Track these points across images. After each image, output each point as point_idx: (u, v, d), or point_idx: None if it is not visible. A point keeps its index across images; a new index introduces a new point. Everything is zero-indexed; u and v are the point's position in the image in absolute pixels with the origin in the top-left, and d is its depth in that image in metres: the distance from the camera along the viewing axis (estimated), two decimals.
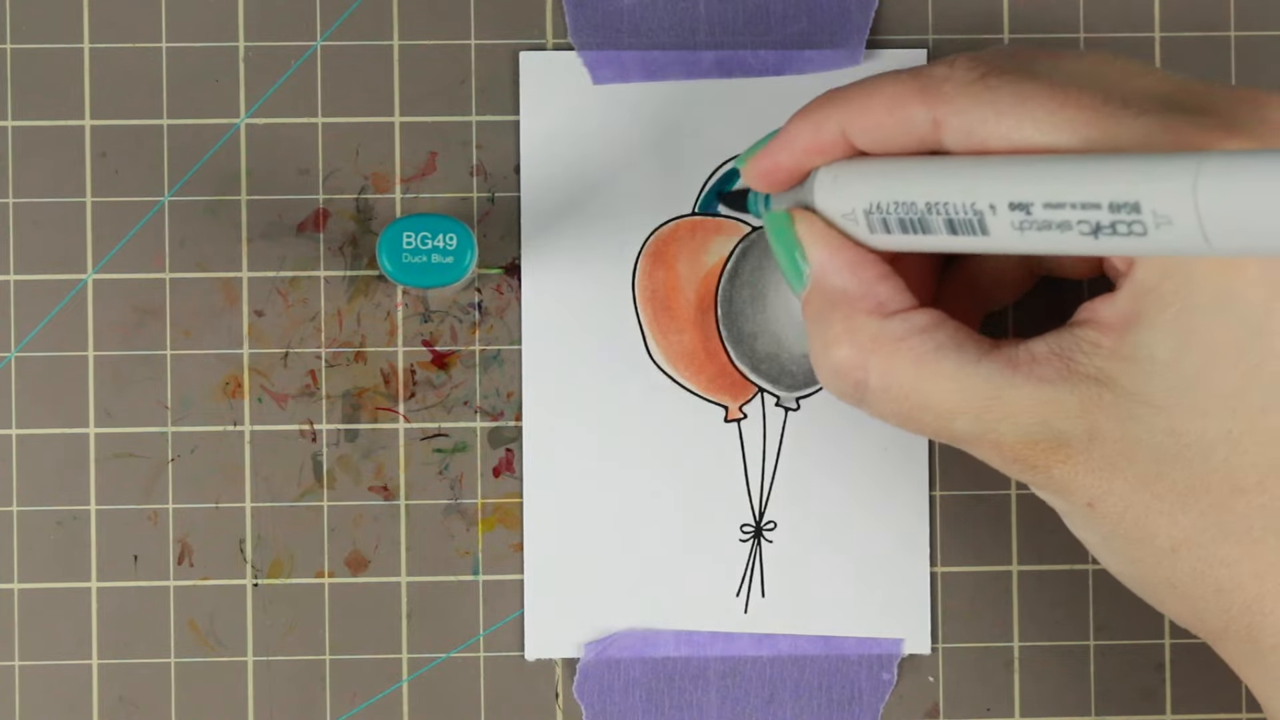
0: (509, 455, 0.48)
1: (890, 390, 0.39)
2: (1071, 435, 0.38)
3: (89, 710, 0.48)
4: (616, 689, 0.48)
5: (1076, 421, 0.38)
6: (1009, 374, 0.38)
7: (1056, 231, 0.35)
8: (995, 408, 0.38)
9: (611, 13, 0.48)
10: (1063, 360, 0.38)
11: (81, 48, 0.48)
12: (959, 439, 0.39)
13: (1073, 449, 0.38)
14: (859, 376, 0.40)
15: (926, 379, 0.39)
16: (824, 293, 0.40)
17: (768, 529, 0.48)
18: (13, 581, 0.48)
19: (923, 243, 0.39)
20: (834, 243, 0.40)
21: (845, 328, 0.40)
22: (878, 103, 0.39)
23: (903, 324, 0.39)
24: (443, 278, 0.43)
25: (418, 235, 0.43)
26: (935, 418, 0.39)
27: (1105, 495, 0.38)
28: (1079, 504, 0.39)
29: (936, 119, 0.38)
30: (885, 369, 0.39)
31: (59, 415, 0.48)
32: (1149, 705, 0.48)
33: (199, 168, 0.48)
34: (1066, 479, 0.39)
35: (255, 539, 0.48)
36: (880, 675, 0.48)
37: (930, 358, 0.39)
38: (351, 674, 0.48)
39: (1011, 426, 0.38)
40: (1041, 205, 0.35)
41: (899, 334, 0.39)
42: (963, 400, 0.38)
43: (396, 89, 0.48)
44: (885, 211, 0.39)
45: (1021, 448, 0.39)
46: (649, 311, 0.48)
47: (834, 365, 0.40)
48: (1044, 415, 0.38)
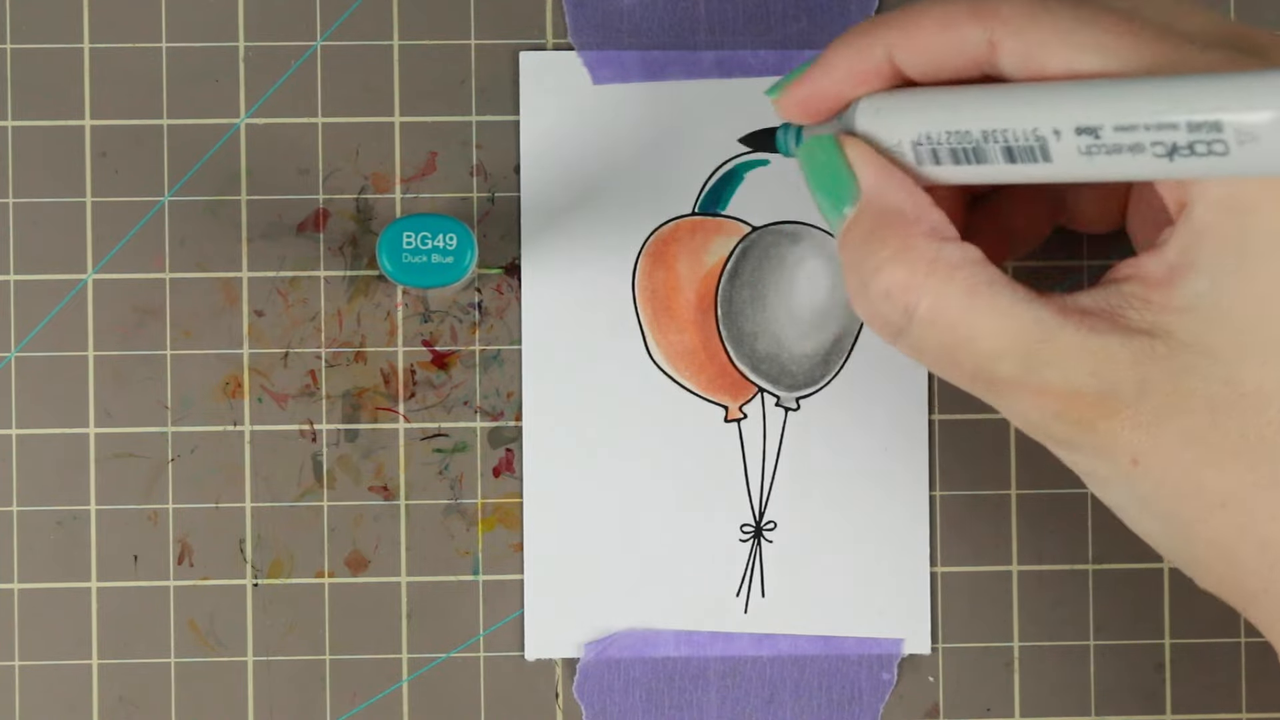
0: (509, 455, 0.48)
1: (939, 320, 0.37)
2: (1120, 386, 0.37)
3: (89, 710, 0.48)
4: (616, 689, 0.48)
5: (1128, 373, 0.37)
6: (1060, 319, 0.37)
7: (1128, 155, 0.34)
8: (1044, 351, 0.37)
9: (611, 13, 0.48)
10: (1111, 316, 0.37)
11: (81, 48, 0.48)
12: (998, 383, 0.38)
13: (1120, 401, 0.37)
14: (910, 301, 0.38)
15: (979, 311, 0.37)
16: (876, 213, 0.38)
17: (768, 529, 0.48)
18: (13, 581, 0.48)
19: (975, 173, 0.37)
20: (885, 162, 0.39)
21: (901, 247, 0.38)
22: (929, 22, 0.38)
23: (959, 251, 0.38)
24: (443, 278, 0.43)
25: (418, 235, 0.43)
26: (978, 357, 0.37)
27: (1152, 450, 0.37)
28: (1122, 462, 0.38)
29: (992, 40, 0.37)
30: (937, 294, 0.37)
31: (59, 415, 0.48)
32: (1149, 705, 0.48)
33: (199, 168, 0.48)
34: (1111, 434, 0.37)
35: (255, 539, 0.48)
36: (880, 675, 0.48)
37: (985, 290, 0.37)
38: (351, 674, 0.48)
39: (1059, 373, 0.37)
40: (1112, 128, 0.34)
41: (956, 260, 0.38)
42: (1011, 339, 0.37)
43: (396, 89, 0.48)
44: (936, 142, 0.38)
45: (1067, 398, 0.37)
46: (649, 311, 0.48)
47: (884, 287, 0.38)
48: (1094, 365, 0.37)
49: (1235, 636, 0.48)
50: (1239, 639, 0.48)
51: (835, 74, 0.39)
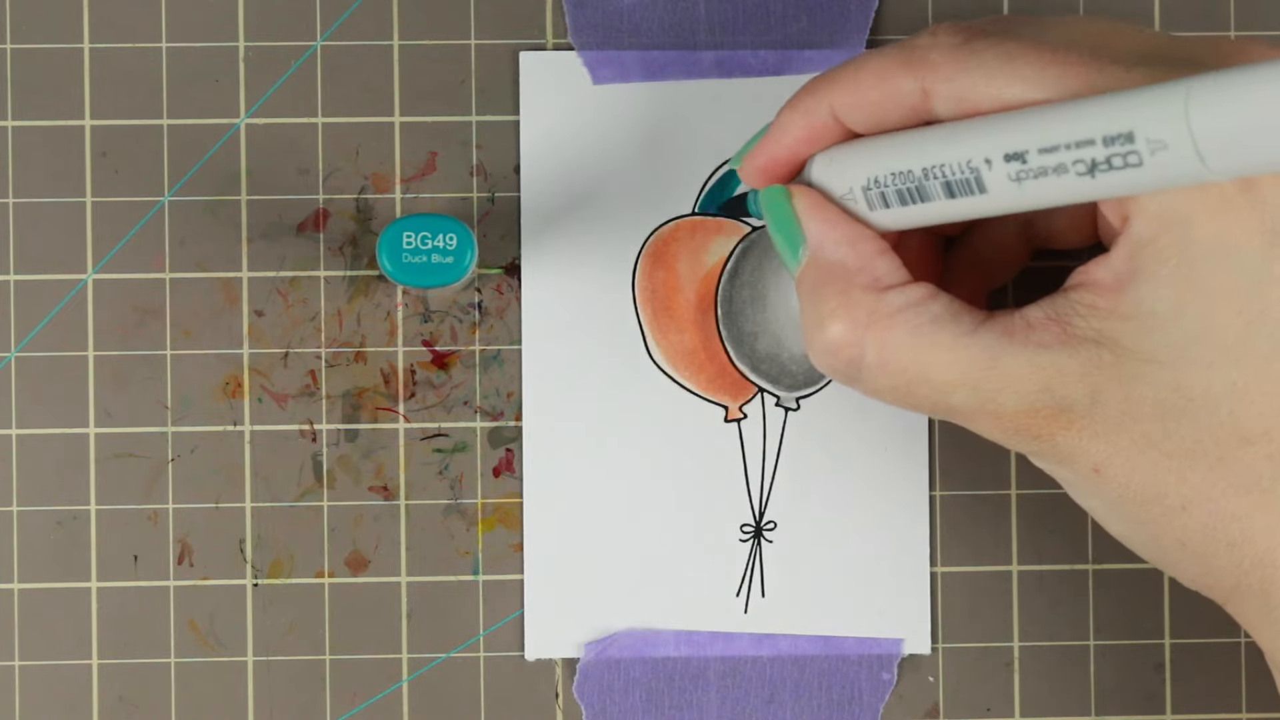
0: (509, 455, 0.48)
1: (887, 365, 0.39)
2: (1073, 400, 0.37)
3: (89, 710, 0.48)
4: (616, 689, 0.48)
5: (1077, 385, 0.37)
6: (1005, 342, 0.38)
7: (1054, 177, 0.35)
8: (993, 377, 0.38)
9: (611, 13, 0.48)
10: (1059, 324, 0.37)
11: (81, 48, 0.48)
12: (957, 413, 0.39)
13: (1075, 414, 0.38)
14: (854, 353, 0.39)
15: (923, 351, 0.38)
16: (820, 267, 0.40)
17: (768, 529, 0.48)
18: (13, 581, 0.48)
19: (922, 213, 0.39)
20: (831, 216, 0.40)
21: (841, 302, 0.39)
22: (864, 79, 0.39)
23: (899, 297, 0.39)
24: (443, 278, 0.43)
25: (418, 235, 0.43)
26: (933, 391, 0.39)
27: (1111, 458, 0.38)
28: (1084, 470, 0.38)
29: (925, 88, 0.38)
30: (881, 343, 0.39)
31: (59, 415, 0.48)
32: (1149, 705, 0.48)
33: (199, 168, 0.48)
34: (1070, 445, 0.38)
35: (255, 539, 0.48)
36: (880, 675, 0.48)
37: (927, 329, 0.38)
38: (351, 674, 0.48)
39: (1011, 396, 0.38)
40: (1036, 151, 0.35)
41: (895, 307, 0.39)
42: (960, 372, 0.38)
43: (396, 89, 0.48)
44: (883, 185, 0.39)
45: (1022, 417, 0.38)
46: (649, 311, 0.48)
47: (828, 342, 0.39)
48: (1044, 382, 0.37)
49: (1235, 636, 0.48)
50: (1239, 639, 0.48)
51: (787, 137, 0.41)
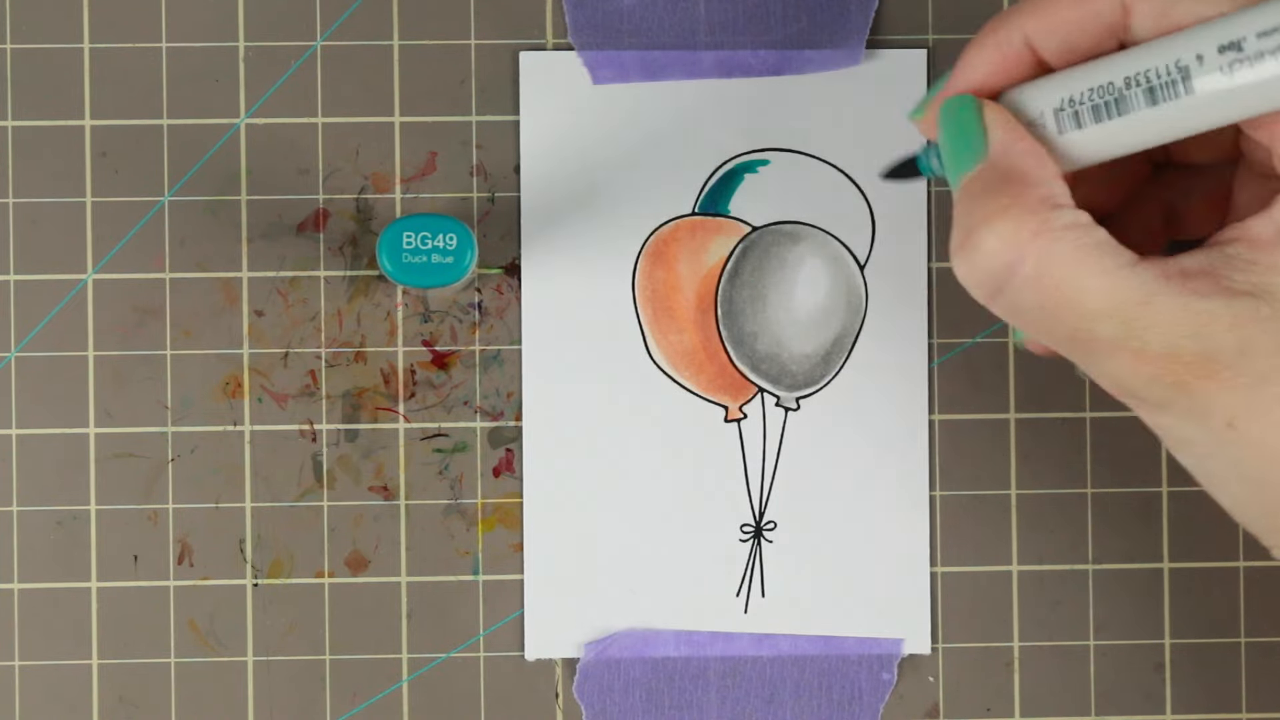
0: (509, 455, 0.48)
1: (1043, 278, 0.38)
2: (1221, 348, 0.37)
3: (89, 710, 0.48)
4: (616, 689, 0.48)
5: (1228, 334, 0.37)
6: (1162, 283, 0.37)
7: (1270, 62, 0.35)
8: (1145, 314, 0.37)
9: (611, 13, 0.48)
10: (1214, 277, 0.37)
11: (81, 48, 0.48)
12: (1095, 345, 0.38)
13: (1220, 363, 0.37)
14: (1013, 257, 0.38)
15: (1083, 273, 0.38)
16: (999, 169, 0.39)
17: (768, 529, 0.48)
18: (13, 581, 0.48)
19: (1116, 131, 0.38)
20: (1019, 127, 0.39)
21: (1014, 204, 0.38)
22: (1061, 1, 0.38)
23: (1070, 215, 0.38)
24: (443, 278, 0.43)
25: (418, 235, 0.43)
26: (1079, 317, 0.38)
27: (1249, 411, 0.37)
28: (1217, 425, 0.38)
29: (1126, 4, 0.38)
30: (1044, 253, 0.38)
31: (59, 415, 0.48)
32: (1149, 705, 0.48)
33: (199, 168, 0.48)
34: (1209, 396, 0.37)
35: (255, 539, 0.48)
36: (880, 675, 0.48)
37: (1090, 251, 0.38)
38: (351, 674, 0.48)
39: (1159, 335, 0.37)
40: (1255, 35, 0.36)
41: (1065, 222, 0.38)
42: (1113, 301, 0.37)
43: (396, 89, 0.48)
44: (1078, 103, 0.39)
45: (1165, 360, 0.37)
46: (649, 311, 0.48)
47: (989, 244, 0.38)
48: (1195, 327, 0.37)
49: (1235, 636, 0.48)
50: (1239, 639, 0.48)
51: (977, 72, 0.40)
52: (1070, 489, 0.48)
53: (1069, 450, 0.48)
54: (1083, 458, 0.48)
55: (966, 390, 0.48)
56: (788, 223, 0.48)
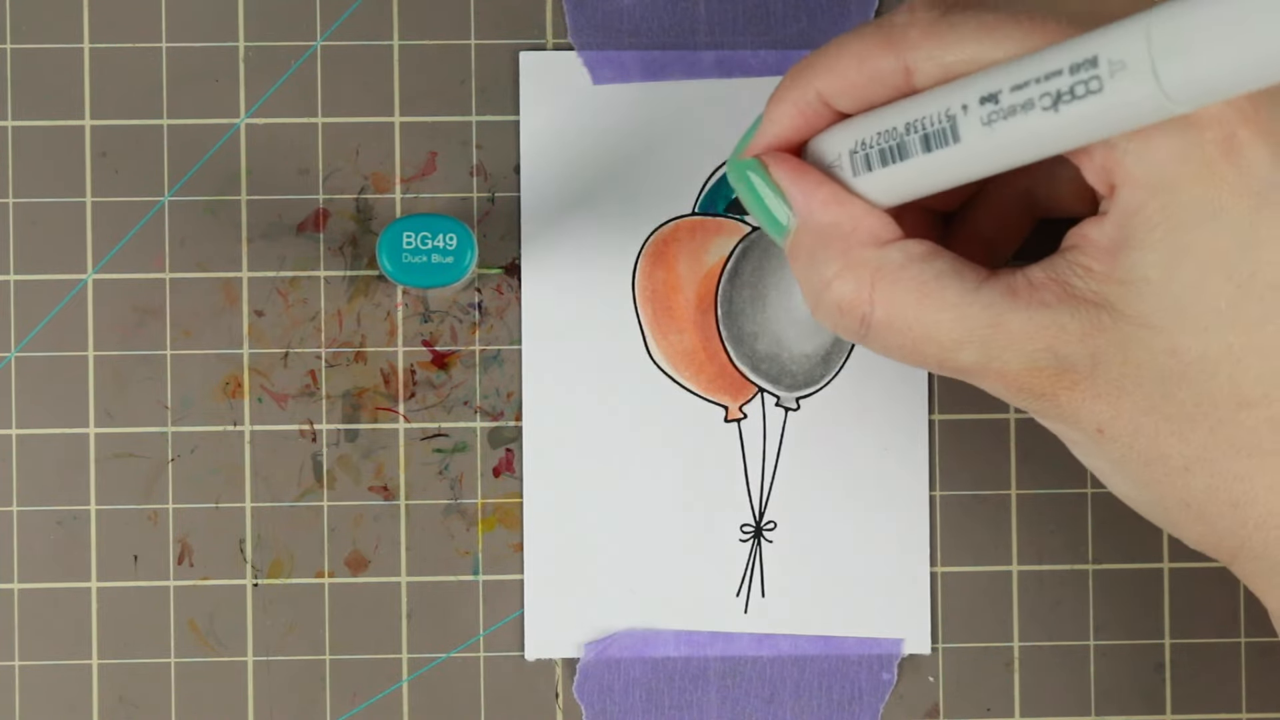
0: (509, 455, 0.48)
1: (894, 323, 0.39)
2: (1075, 361, 0.37)
3: (89, 710, 0.48)
4: (616, 689, 0.48)
5: (1079, 346, 0.37)
6: (1009, 300, 0.38)
7: (1022, 116, 0.35)
8: (999, 335, 0.38)
9: (611, 13, 0.48)
10: (1060, 285, 0.37)
11: (81, 48, 0.48)
12: (964, 370, 0.39)
13: (1078, 374, 0.38)
14: (863, 311, 0.39)
15: (930, 309, 0.38)
16: (813, 232, 0.40)
17: (768, 529, 0.48)
18: (13, 581, 0.48)
19: (903, 174, 0.38)
20: (813, 178, 0.40)
21: (844, 262, 0.39)
22: (845, 63, 0.39)
23: (901, 252, 0.39)
24: (443, 278, 0.43)
25: (418, 235, 0.43)
26: (940, 349, 0.38)
27: (1113, 420, 0.38)
28: (1089, 430, 0.38)
29: (907, 65, 0.38)
30: (889, 300, 0.38)
31: (59, 415, 0.48)
32: (1149, 705, 0.48)
33: (199, 168, 0.48)
34: (1074, 406, 0.38)
35: (255, 539, 0.48)
36: (880, 675, 0.48)
37: (933, 286, 0.38)
38: (351, 674, 0.48)
39: (1016, 354, 0.38)
40: (1009, 89, 0.35)
41: (899, 262, 0.39)
42: (965, 330, 0.38)
43: (396, 89, 0.48)
44: (868, 146, 0.39)
45: (1027, 376, 0.38)
46: (649, 311, 0.48)
47: (836, 303, 0.39)
48: (1047, 341, 0.37)
49: (1235, 636, 0.48)
50: (1239, 639, 0.48)
51: (779, 127, 0.41)
52: (1070, 489, 0.48)
53: (1069, 450, 0.48)
54: None
55: (966, 390, 0.48)
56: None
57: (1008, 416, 0.49)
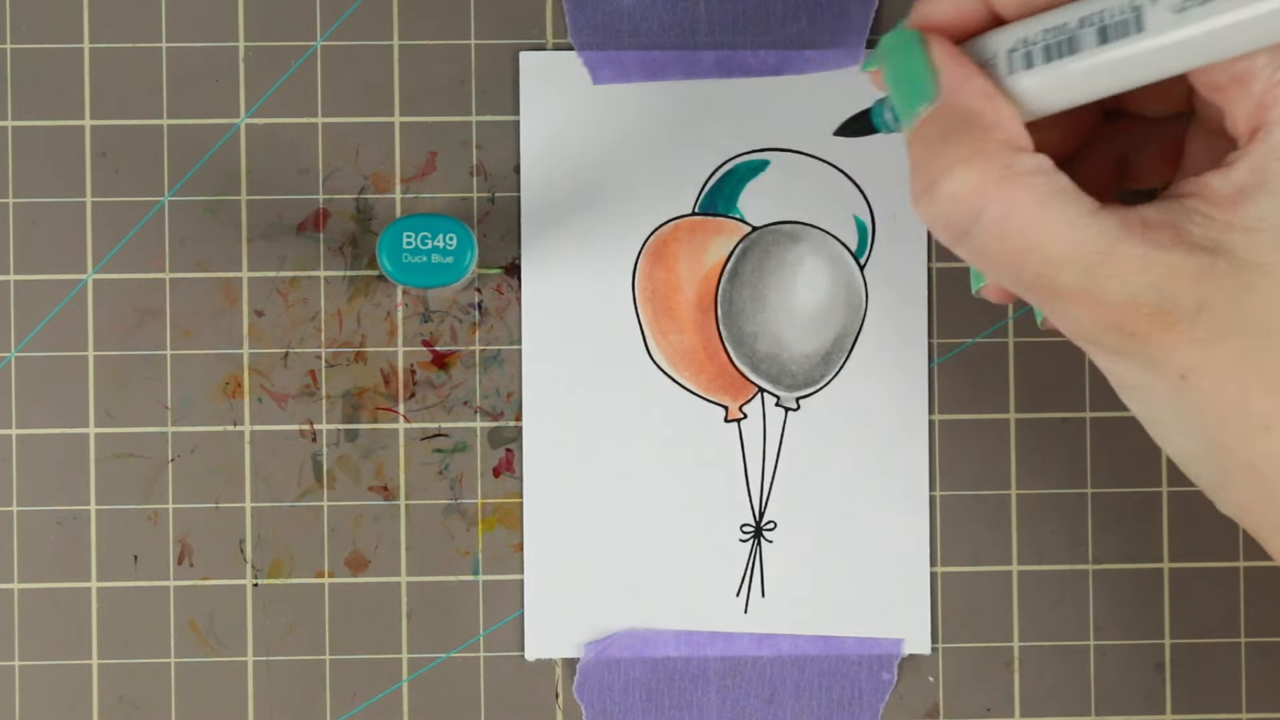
0: (509, 455, 0.48)
1: (1008, 224, 0.38)
2: (1180, 301, 0.37)
3: (89, 710, 0.48)
4: (616, 689, 0.48)
5: (1187, 288, 0.37)
6: (1123, 231, 0.37)
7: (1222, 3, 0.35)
8: (1107, 263, 0.37)
9: (611, 13, 0.48)
10: (1175, 229, 0.37)
11: (81, 48, 0.48)
12: (1060, 291, 0.38)
13: (1177, 316, 0.37)
14: (978, 204, 0.38)
15: (1046, 220, 0.37)
16: (954, 112, 0.39)
17: (768, 529, 0.48)
18: (13, 581, 0.48)
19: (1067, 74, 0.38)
20: (971, 67, 0.39)
21: (976, 150, 0.38)
22: None
23: (1032, 160, 0.38)
24: (443, 278, 0.43)
25: (418, 235, 0.43)
26: (1043, 263, 0.38)
27: (1203, 366, 0.37)
28: (1170, 377, 0.38)
29: None
30: (1009, 199, 0.38)
31: (59, 415, 0.48)
32: (1149, 705, 0.48)
33: (199, 168, 0.48)
34: (1165, 348, 0.37)
35: (255, 539, 0.48)
36: (880, 675, 0.48)
37: (1054, 199, 0.38)
38: (351, 674, 0.48)
39: (1119, 285, 0.37)
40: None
41: (1029, 168, 0.38)
42: (1076, 249, 0.37)
43: (396, 89, 0.48)
44: (1031, 44, 0.38)
45: (1125, 310, 0.37)
46: (649, 311, 0.48)
47: (952, 189, 0.38)
48: (1155, 278, 0.37)
49: (1235, 636, 0.48)
50: (1239, 639, 0.48)
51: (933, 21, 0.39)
52: (1070, 489, 0.48)
53: (1069, 450, 0.48)
54: (1083, 458, 0.48)
55: (966, 390, 0.48)
56: (788, 223, 0.48)
57: (1008, 416, 0.49)
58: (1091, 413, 0.48)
